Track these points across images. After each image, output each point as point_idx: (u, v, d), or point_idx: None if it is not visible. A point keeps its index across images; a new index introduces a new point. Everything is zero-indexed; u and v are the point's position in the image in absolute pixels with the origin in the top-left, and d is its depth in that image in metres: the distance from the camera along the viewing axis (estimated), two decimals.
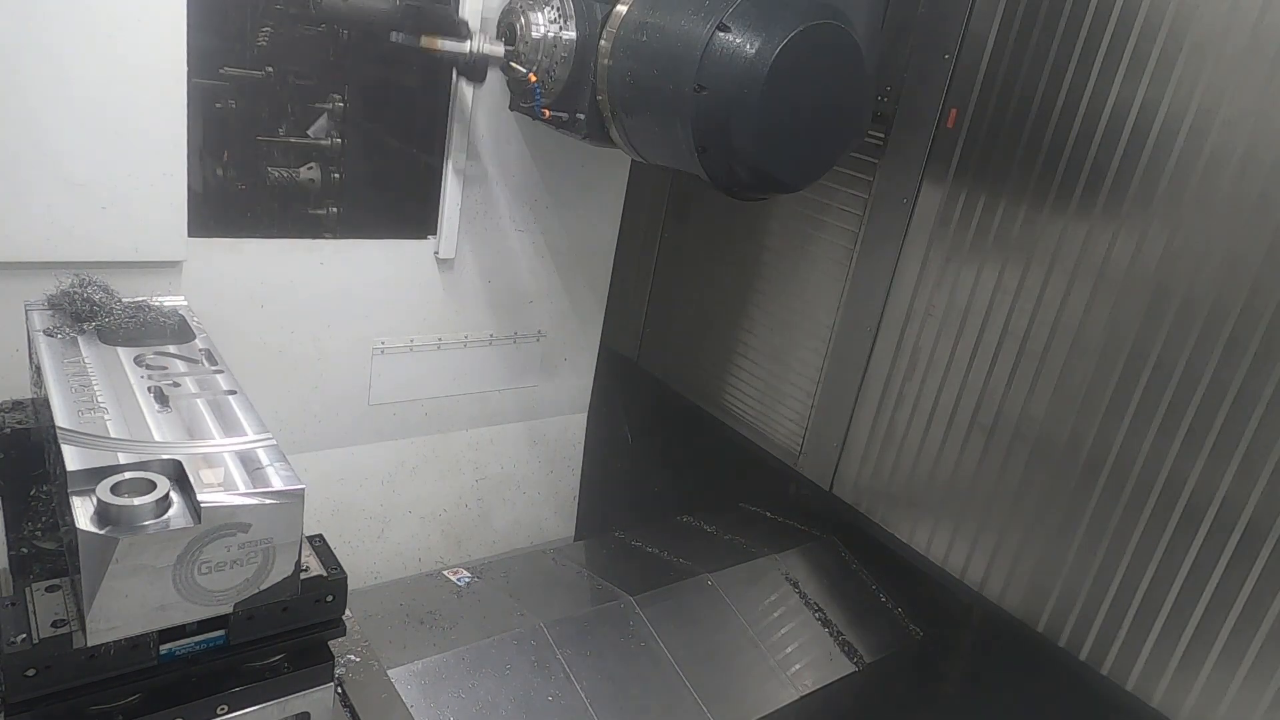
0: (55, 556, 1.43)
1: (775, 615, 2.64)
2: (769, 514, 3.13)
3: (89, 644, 1.19)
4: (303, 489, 1.26)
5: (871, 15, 2.25)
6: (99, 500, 1.17)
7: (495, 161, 2.72)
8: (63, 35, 1.91)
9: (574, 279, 3.10)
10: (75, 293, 1.68)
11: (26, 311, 1.65)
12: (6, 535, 1.50)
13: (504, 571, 2.56)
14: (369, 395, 2.72)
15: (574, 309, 3.14)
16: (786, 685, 2.43)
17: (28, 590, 1.27)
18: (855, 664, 2.57)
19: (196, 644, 1.31)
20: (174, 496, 1.22)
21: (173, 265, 2.25)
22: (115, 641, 1.21)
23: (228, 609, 1.28)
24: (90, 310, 1.67)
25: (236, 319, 2.41)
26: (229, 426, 1.42)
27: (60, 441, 1.26)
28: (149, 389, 1.48)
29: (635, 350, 3.60)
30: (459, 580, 2.44)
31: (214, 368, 1.62)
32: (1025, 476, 2.29)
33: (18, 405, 1.68)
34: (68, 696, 1.23)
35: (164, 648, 1.28)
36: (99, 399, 1.42)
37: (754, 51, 1.92)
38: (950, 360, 2.45)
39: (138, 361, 1.58)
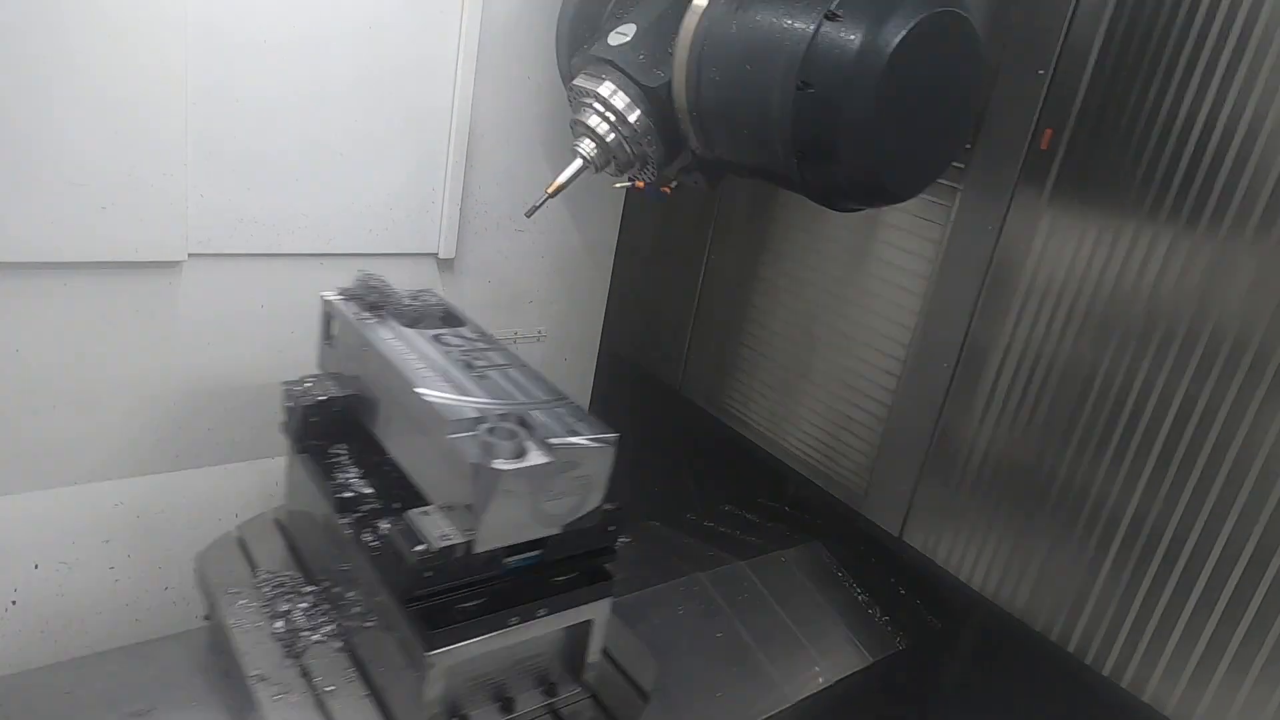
0: (373, 498, 1.80)
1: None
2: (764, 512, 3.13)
3: (476, 551, 1.53)
4: (616, 435, 1.64)
5: (986, 6, 2.05)
6: (483, 441, 1.51)
7: (494, 161, 2.72)
8: (63, 35, 1.91)
9: (574, 279, 3.10)
10: (366, 285, 2.06)
11: (325, 300, 2.05)
12: (325, 483, 1.85)
13: None
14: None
15: (574, 309, 3.13)
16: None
17: (406, 515, 1.57)
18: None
19: (524, 559, 1.64)
20: (529, 441, 1.56)
21: (173, 266, 2.25)
22: (480, 553, 1.54)
23: (558, 530, 1.63)
24: (381, 300, 2.04)
25: (236, 319, 2.41)
26: (533, 388, 1.81)
27: (423, 398, 1.64)
28: (459, 361, 1.86)
29: (678, 378, 3.44)
30: None
31: (493, 345, 2.00)
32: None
33: (317, 378, 2.06)
34: (446, 595, 1.56)
35: (506, 561, 1.61)
36: (427, 368, 1.79)
37: (868, 42, 1.69)
38: (1037, 402, 2.29)
39: (438, 339, 1.96)
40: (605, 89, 2.06)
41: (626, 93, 2.05)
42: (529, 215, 2.24)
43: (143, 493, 2.42)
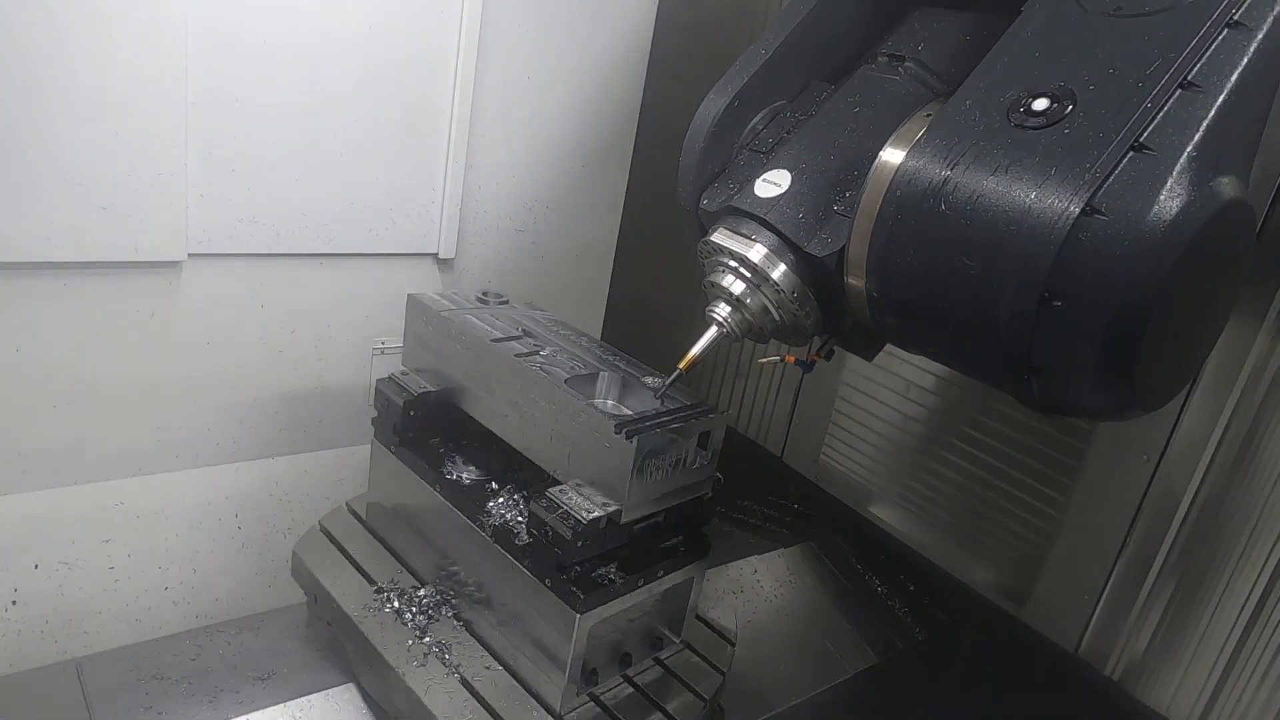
0: (478, 483, 1.99)
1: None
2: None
3: (624, 521, 1.68)
4: (726, 413, 1.80)
5: (1250, 166, 1.50)
6: (629, 423, 1.64)
7: (494, 161, 2.72)
8: (63, 35, 1.91)
9: (574, 279, 3.10)
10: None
11: (411, 297, 2.14)
12: (430, 471, 1.98)
13: None
14: (370, 395, 2.72)
15: (574, 309, 3.13)
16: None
17: (549, 494, 1.70)
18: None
19: (644, 527, 1.80)
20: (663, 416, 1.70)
21: (173, 266, 2.25)
22: (622, 523, 1.69)
23: (684, 499, 1.80)
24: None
25: (237, 319, 2.41)
26: (621, 363, 1.98)
27: (554, 382, 1.80)
28: (560, 345, 2.02)
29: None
30: None
31: (585, 337, 2.14)
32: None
33: (419, 371, 2.15)
34: (590, 560, 1.71)
35: (636, 528, 1.77)
36: (539, 352, 1.94)
37: (1147, 246, 1.27)
38: None
39: (527, 333, 2.08)
40: (755, 253, 1.71)
41: (782, 259, 1.71)
42: (658, 396, 1.84)
43: (143, 493, 2.42)
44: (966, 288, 1.42)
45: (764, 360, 2.09)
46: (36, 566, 2.31)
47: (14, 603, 2.30)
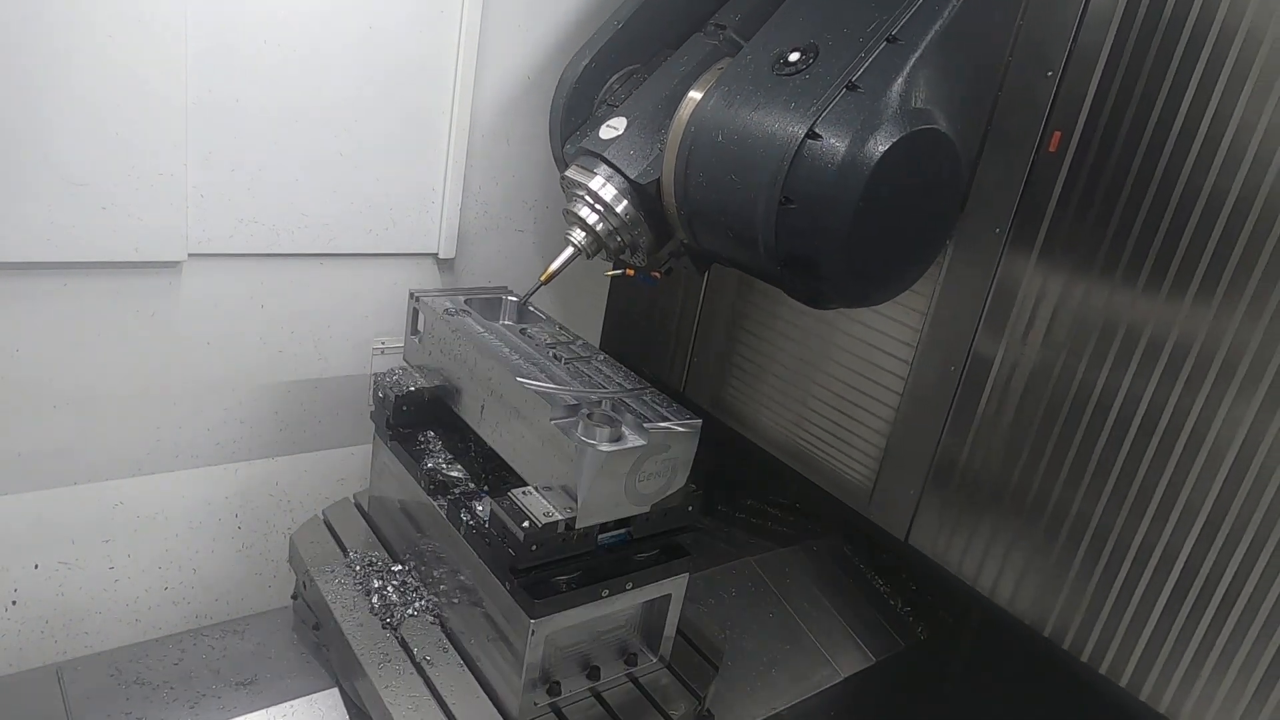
0: (460, 481, 1.98)
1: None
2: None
3: (578, 527, 1.68)
4: (699, 421, 1.80)
5: (969, 115, 1.99)
6: (585, 426, 1.66)
7: (494, 161, 2.72)
8: (63, 35, 1.91)
9: (574, 279, 3.09)
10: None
11: (413, 294, 2.19)
12: (415, 466, 2.01)
13: None
14: (370, 396, 2.72)
15: (574, 309, 3.13)
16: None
17: (510, 495, 1.71)
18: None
19: (613, 537, 1.80)
20: (624, 425, 1.72)
21: (173, 266, 2.25)
22: (576, 530, 1.68)
23: (647, 509, 1.78)
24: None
25: (236, 319, 2.41)
26: (618, 377, 1.97)
27: (528, 388, 1.78)
28: (548, 353, 2.03)
29: (681, 379, 3.43)
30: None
31: (575, 338, 2.19)
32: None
33: (404, 370, 2.19)
34: (547, 568, 1.70)
35: (600, 538, 1.77)
36: (522, 358, 1.95)
37: (848, 161, 1.68)
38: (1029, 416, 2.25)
39: (524, 333, 2.15)
40: (595, 183, 2.11)
41: (616, 186, 2.10)
42: (522, 303, 2.31)
43: (143, 493, 2.42)
44: (737, 199, 1.84)
45: (610, 272, 2.33)
46: (36, 566, 2.31)
47: (14, 603, 2.30)
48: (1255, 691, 1.93)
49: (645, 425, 1.73)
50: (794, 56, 1.85)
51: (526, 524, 1.63)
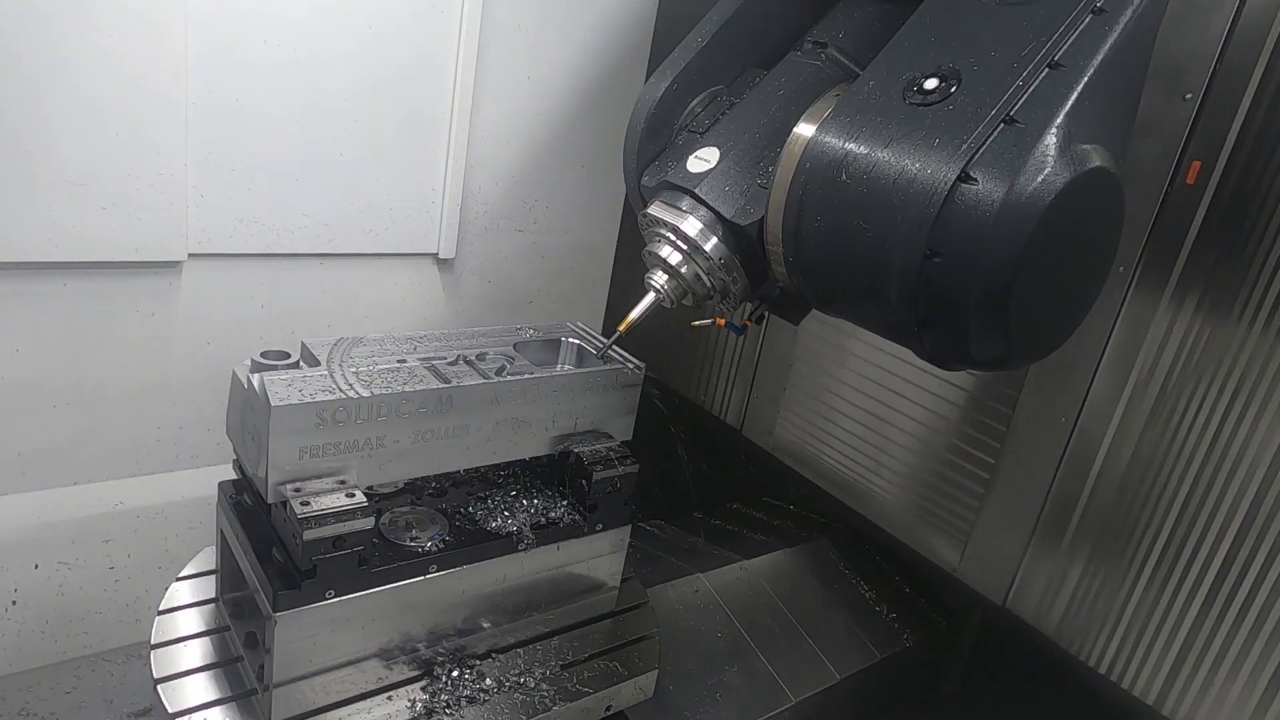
0: None
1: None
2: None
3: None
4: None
5: (1124, 142, 1.72)
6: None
7: (494, 161, 2.73)
8: (63, 36, 1.91)
9: (574, 279, 3.10)
10: None
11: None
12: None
13: None
14: None
15: (574, 309, 3.14)
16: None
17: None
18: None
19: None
20: None
21: (173, 266, 2.25)
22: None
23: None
24: None
25: (236, 319, 2.41)
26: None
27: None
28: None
29: (680, 379, 3.30)
30: None
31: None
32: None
33: None
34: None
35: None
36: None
37: (1009, 209, 1.43)
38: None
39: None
40: (689, 225, 1.87)
41: (711, 230, 1.87)
42: (600, 356, 2.08)
43: (143, 493, 2.42)
44: (865, 249, 1.58)
45: (697, 323, 2.10)
46: (36, 566, 2.31)
47: (14, 603, 2.30)
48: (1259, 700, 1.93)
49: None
50: (931, 84, 1.61)
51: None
